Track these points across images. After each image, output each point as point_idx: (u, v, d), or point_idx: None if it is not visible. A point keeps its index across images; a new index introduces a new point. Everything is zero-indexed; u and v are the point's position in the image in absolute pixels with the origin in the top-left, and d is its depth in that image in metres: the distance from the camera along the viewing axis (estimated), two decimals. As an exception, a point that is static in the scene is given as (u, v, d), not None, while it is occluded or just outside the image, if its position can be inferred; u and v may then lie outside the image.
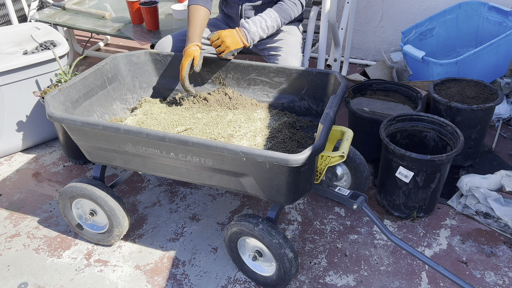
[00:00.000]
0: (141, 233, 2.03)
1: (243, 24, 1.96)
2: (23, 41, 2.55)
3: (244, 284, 1.78)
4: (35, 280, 1.82)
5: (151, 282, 1.80)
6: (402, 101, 2.47)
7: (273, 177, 1.46)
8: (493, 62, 2.55)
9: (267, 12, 1.98)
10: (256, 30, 1.95)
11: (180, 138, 1.46)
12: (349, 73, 3.38)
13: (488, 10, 2.73)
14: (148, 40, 2.71)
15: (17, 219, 2.13)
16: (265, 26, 1.96)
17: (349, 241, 1.96)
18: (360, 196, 1.74)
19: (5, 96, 2.38)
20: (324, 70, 1.91)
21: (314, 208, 2.14)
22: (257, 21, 1.96)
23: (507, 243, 1.93)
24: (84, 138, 1.70)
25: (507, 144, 2.54)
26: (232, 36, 1.93)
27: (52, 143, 2.69)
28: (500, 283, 1.76)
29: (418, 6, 3.19)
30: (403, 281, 1.78)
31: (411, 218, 2.05)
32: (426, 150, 2.13)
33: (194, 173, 1.62)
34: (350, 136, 1.79)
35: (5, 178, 2.41)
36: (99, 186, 1.82)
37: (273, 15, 1.97)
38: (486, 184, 2.06)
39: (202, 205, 2.17)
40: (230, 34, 1.93)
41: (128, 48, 3.97)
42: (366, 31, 3.45)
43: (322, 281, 1.79)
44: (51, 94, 1.73)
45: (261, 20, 1.96)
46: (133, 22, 2.93)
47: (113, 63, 2.05)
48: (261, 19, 1.96)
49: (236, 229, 1.65)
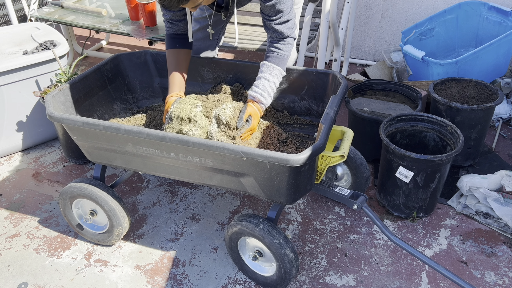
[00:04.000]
0: (141, 233, 2.03)
1: (260, 100, 1.77)
2: (23, 41, 2.55)
3: (244, 284, 1.79)
4: (35, 280, 1.82)
5: (151, 282, 1.80)
6: (402, 101, 2.48)
7: (274, 177, 1.46)
8: (493, 62, 2.55)
9: (271, 71, 1.78)
10: (270, 101, 1.81)
11: (180, 138, 1.46)
12: (349, 73, 3.38)
13: (488, 10, 2.73)
14: (146, 36, 2.73)
15: (17, 219, 2.13)
16: (275, 89, 1.82)
17: (349, 241, 1.97)
18: (360, 196, 1.74)
19: (5, 96, 2.38)
20: (324, 70, 1.91)
21: (314, 208, 2.14)
22: (269, 89, 1.78)
23: (507, 243, 1.93)
24: (84, 138, 1.70)
25: (507, 144, 2.54)
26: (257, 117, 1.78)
27: (52, 143, 2.69)
28: (500, 283, 1.76)
29: (418, 6, 3.19)
30: (403, 281, 1.78)
31: (411, 218, 2.05)
32: (426, 150, 2.13)
33: (194, 173, 1.62)
34: (351, 136, 1.79)
35: (5, 178, 2.41)
36: (99, 186, 1.82)
37: (277, 72, 1.80)
38: (486, 184, 2.06)
39: (202, 205, 2.17)
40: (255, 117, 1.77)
41: (128, 47, 3.97)
42: (366, 31, 3.45)
43: (322, 281, 1.79)
44: (51, 94, 1.73)
45: (272, 86, 1.79)
46: (131, 18, 2.98)
47: (113, 63, 2.05)
48: (271, 85, 1.79)
49: (236, 229, 1.65)
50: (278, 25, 1.74)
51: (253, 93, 1.78)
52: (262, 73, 1.79)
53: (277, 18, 1.72)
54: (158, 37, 2.76)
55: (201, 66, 2.08)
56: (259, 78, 1.79)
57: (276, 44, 1.79)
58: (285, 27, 1.75)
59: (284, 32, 1.76)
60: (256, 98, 1.78)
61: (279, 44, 1.78)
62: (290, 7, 1.73)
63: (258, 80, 1.79)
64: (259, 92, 1.77)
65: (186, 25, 1.89)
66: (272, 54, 1.80)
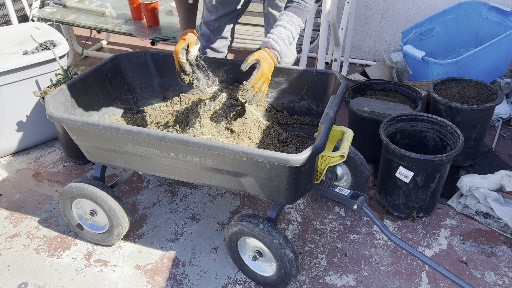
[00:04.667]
0: (141, 233, 2.03)
1: (272, 45, 1.67)
2: (23, 41, 2.55)
3: (244, 284, 1.78)
4: (35, 280, 1.82)
5: (151, 282, 1.80)
6: (402, 101, 2.48)
7: (274, 177, 1.46)
8: (493, 62, 2.55)
9: (289, 19, 1.69)
10: (285, 49, 1.71)
11: (180, 138, 1.46)
12: (349, 73, 3.38)
13: (488, 10, 2.73)
14: (148, 36, 2.74)
15: (17, 219, 2.13)
16: (291, 39, 1.72)
17: (349, 241, 1.96)
18: (360, 196, 1.74)
19: (5, 96, 2.38)
20: (324, 70, 1.91)
21: (314, 208, 2.14)
22: (284, 36, 1.68)
23: (507, 243, 1.93)
24: (84, 138, 1.70)
25: (507, 144, 2.54)
26: (267, 62, 1.66)
27: (52, 143, 2.69)
28: (500, 283, 1.76)
29: (418, 6, 3.19)
30: (403, 281, 1.78)
31: (411, 218, 2.05)
32: (426, 150, 2.13)
33: (194, 173, 1.62)
34: (350, 136, 1.79)
35: (5, 178, 2.41)
36: (99, 186, 1.82)
37: (296, 21, 1.70)
38: (486, 184, 2.06)
39: (202, 205, 2.17)
40: (264, 61, 1.65)
41: (128, 46, 3.97)
42: (366, 31, 3.45)
43: (322, 281, 1.79)
44: (51, 94, 1.73)
45: (288, 34, 1.69)
46: (133, 18, 2.98)
47: (113, 63, 2.05)
48: (288, 33, 1.69)
49: (236, 229, 1.65)
50: None
51: (266, 38, 1.67)
52: (279, 21, 1.69)
53: None
54: (160, 37, 2.76)
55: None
56: (275, 25, 1.70)
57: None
58: None
59: None
60: (268, 43, 1.66)
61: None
62: None
63: (274, 28, 1.70)
64: (272, 37, 1.66)
65: None
66: (293, 4, 1.71)
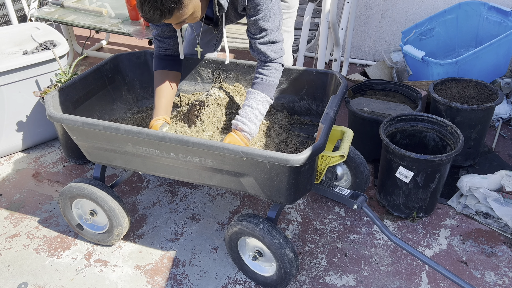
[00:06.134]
0: (141, 233, 2.03)
1: (241, 127, 1.66)
2: (23, 41, 2.55)
3: (244, 284, 1.78)
4: (35, 280, 1.82)
5: (151, 282, 1.80)
6: (402, 101, 2.48)
7: (274, 177, 1.46)
8: (493, 62, 2.55)
9: (254, 97, 1.69)
10: (255, 129, 1.69)
11: (180, 138, 1.46)
12: (349, 73, 3.38)
13: (488, 10, 2.73)
14: (145, 36, 2.74)
15: (17, 219, 2.13)
16: (261, 115, 1.70)
17: (349, 241, 1.96)
18: (360, 196, 1.74)
19: (5, 96, 2.38)
20: (324, 70, 1.91)
21: (314, 208, 2.14)
22: (252, 116, 1.67)
23: (507, 243, 1.93)
24: (84, 138, 1.70)
25: (507, 144, 2.54)
26: None
27: (52, 143, 2.69)
28: (500, 283, 1.76)
29: (418, 6, 3.19)
30: (403, 281, 1.78)
31: (411, 218, 2.05)
32: (426, 150, 2.13)
33: (194, 173, 1.62)
34: (350, 136, 1.79)
35: (5, 178, 2.41)
36: (99, 186, 1.82)
37: (262, 98, 1.69)
38: (486, 184, 2.06)
39: (202, 205, 2.17)
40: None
41: (128, 46, 3.97)
42: (366, 31, 3.45)
43: (322, 281, 1.79)
44: (51, 94, 1.73)
45: (255, 113, 1.68)
46: (131, 18, 2.98)
47: (113, 63, 2.05)
48: (255, 112, 1.68)
49: (236, 229, 1.65)
50: (262, 45, 1.65)
51: (234, 121, 1.68)
52: (246, 101, 1.70)
53: (261, 37, 1.64)
54: None
55: (201, 66, 2.08)
56: (242, 106, 1.71)
57: (261, 69, 1.71)
58: (269, 49, 1.67)
59: (269, 54, 1.68)
60: (236, 126, 1.66)
61: (264, 70, 1.71)
62: (277, 28, 1.65)
63: (241, 109, 1.70)
64: (240, 119, 1.67)
65: (176, 43, 1.80)
66: (257, 80, 1.72)
